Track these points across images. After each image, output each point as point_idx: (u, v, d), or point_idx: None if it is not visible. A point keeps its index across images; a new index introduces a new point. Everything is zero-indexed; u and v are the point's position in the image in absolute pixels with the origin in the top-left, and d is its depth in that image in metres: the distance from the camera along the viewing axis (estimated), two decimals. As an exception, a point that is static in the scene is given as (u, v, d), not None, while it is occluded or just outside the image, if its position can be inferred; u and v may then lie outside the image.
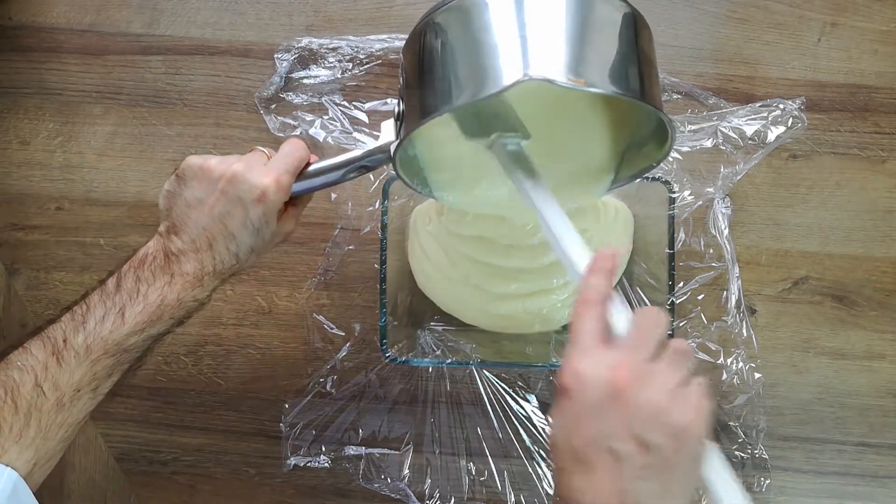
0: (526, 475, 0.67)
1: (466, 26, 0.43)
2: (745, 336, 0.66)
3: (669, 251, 0.61)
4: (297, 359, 0.69)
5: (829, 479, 0.68)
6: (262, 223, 0.48)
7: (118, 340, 0.47)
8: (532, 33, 0.41)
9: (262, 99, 0.68)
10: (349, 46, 0.67)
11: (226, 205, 0.47)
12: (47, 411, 0.45)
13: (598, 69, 0.42)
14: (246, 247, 0.49)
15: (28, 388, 0.44)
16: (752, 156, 0.66)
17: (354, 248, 0.68)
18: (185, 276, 0.48)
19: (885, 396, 0.68)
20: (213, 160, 0.48)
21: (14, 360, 0.45)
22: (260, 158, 0.50)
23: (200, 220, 0.48)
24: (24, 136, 0.70)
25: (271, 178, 0.47)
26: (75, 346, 0.46)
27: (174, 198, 0.49)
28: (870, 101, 0.68)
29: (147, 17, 0.69)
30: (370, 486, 0.67)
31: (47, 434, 0.45)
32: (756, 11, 0.68)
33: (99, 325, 0.46)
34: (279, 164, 0.49)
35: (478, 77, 0.42)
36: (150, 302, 0.47)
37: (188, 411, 0.69)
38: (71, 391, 0.46)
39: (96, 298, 0.48)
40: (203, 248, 0.48)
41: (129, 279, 0.48)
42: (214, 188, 0.48)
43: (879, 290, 0.68)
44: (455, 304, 0.65)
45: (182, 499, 0.69)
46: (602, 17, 0.44)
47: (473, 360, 0.63)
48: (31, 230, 0.70)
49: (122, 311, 0.47)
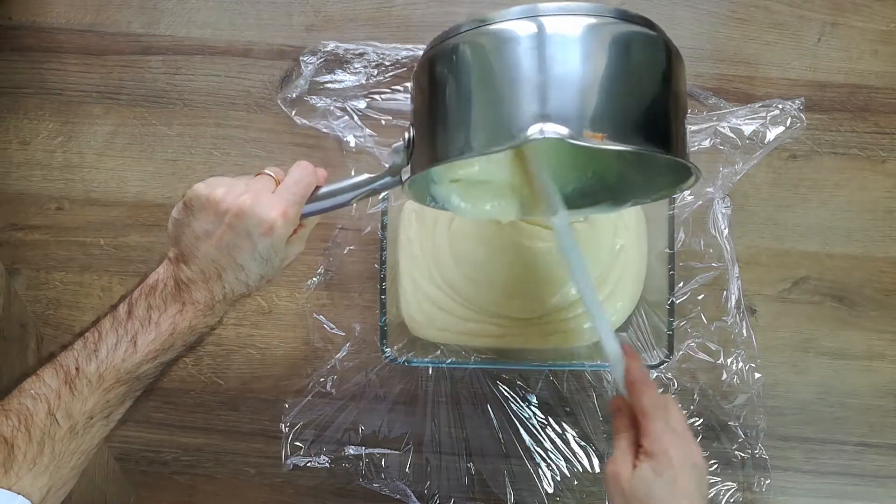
0: (526, 475, 0.67)
1: (484, 64, 0.41)
2: (745, 336, 0.66)
3: (669, 251, 0.61)
4: (297, 359, 0.69)
5: (829, 479, 0.68)
6: (270, 253, 0.48)
7: (130, 368, 0.47)
8: (551, 79, 0.39)
9: (287, 100, 0.68)
10: (375, 53, 0.67)
11: (234, 238, 0.47)
12: (60, 439, 0.45)
13: (620, 121, 0.40)
14: (255, 275, 0.49)
15: (41, 417, 0.45)
16: (751, 156, 0.66)
17: (354, 248, 0.68)
18: (196, 305, 0.48)
19: (885, 396, 0.68)
20: (220, 190, 0.47)
21: (28, 388, 0.46)
22: (267, 186, 0.49)
23: (209, 251, 0.48)
24: (24, 136, 0.70)
25: (279, 210, 0.47)
26: (88, 374, 0.46)
27: (182, 227, 0.49)
28: (870, 101, 0.68)
29: (147, 17, 0.69)
30: (370, 486, 0.67)
31: (60, 461, 0.46)
32: (756, 11, 0.68)
33: (111, 354, 0.47)
34: (287, 195, 0.48)
35: (492, 126, 0.41)
36: (163, 330, 0.47)
37: (188, 411, 0.69)
38: (84, 419, 0.46)
39: (108, 325, 0.48)
40: (212, 278, 0.48)
41: (141, 306, 0.48)
42: (222, 221, 0.47)
43: (879, 290, 0.68)
44: None
45: (182, 499, 0.69)
46: (630, 56, 0.41)
47: (473, 361, 0.63)
48: (31, 230, 0.70)
49: (135, 339, 0.47)
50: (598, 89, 0.40)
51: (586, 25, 0.40)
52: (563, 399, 0.67)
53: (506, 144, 0.40)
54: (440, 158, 0.43)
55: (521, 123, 0.39)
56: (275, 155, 0.69)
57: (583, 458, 0.67)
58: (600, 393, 0.67)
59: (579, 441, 0.67)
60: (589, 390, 0.67)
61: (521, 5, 0.41)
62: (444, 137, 0.43)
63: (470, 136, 0.42)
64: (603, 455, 0.67)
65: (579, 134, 0.39)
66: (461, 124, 0.42)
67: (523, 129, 0.39)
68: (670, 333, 0.61)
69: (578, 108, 0.39)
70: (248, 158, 0.69)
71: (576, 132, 0.38)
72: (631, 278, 0.63)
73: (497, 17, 0.41)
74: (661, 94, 0.42)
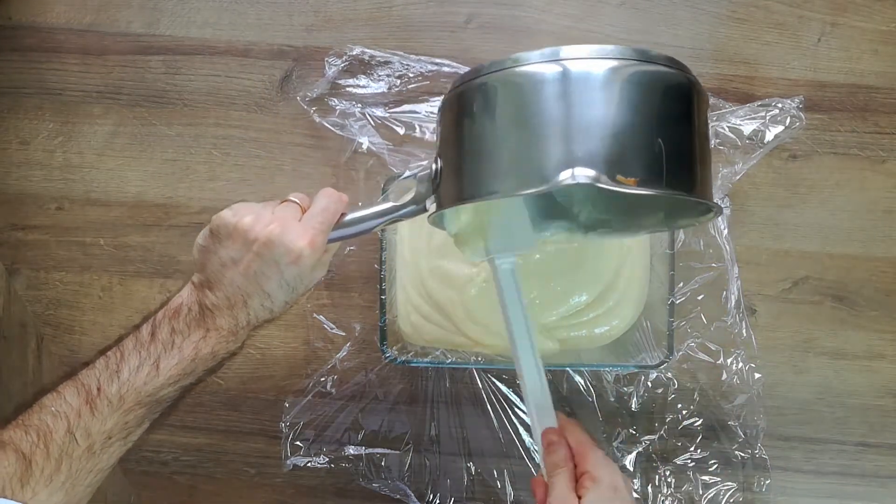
0: (526, 475, 0.67)
1: (516, 105, 0.41)
2: (745, 336, 0.66)
3: (669, 251, 0.61)
4: (297, 359, 0.69)
5: (829, 479, 0.68)
6: (297, 281, 0.48)
7: (151, 391, 0.47)
8: (582, 123, 0.40)
9: (307, 100, 0.67)
10: (400, 63, 0.67)
11: (261, 266, 0.47)
12: (78, 457, 0.45)
13: (648, 165, 0.40)
14: (280, 302, 0.49)
15: (60, 434, 0.45)
16: (750, 156, 0.66)
17: (354, 248, 0.68)
18: (220, 331, 0.48)
19: (885, 396, 0.68)
20: (248, 218, 0.47)
21: (48, 404, 0.46)
22: (294, 214, 0.49)
23: (235, 279, 0.48)
24: (24, 136, 0.70)
25: (306, 240, 0.47)
26: (109, 395, 0.46)
27: (208, 254, 0.49)
28: (870, 101, 0.68)
29: (147, 17, 0.69)
30: (370, 486, 0.67)
31: (76, 479, 0.46)
32: (756, 11, 0.68)
33: (133, 376, 0.47)
34: (314, 223, 0.48)
35: (523, 169, 0.41)
36: (185, 356, 0.47)
37: (188, 411, 0.69)
38: (102, 438, 0.46)
39: (131, 346, 0.48)
40: (238, 305, 0.48)
41: (164, 330, 0.48)
42: (249, 249, 0.47)
43: (879, 290, 0.68)
44: None
45: (182, 499, 0.69)
46: (663, 101, 0.41)
47: (473, 361, 0.63)
48: (31, 230, 0.70)
49: (157, 363, 0.47)
50: (631, 133, 0.40)
51: (621, 69, 0.40)
52: (563, 399, 0.67)
53: (537, 188, 0.40)
54: (467, 198, 0.43)
55: (552, 167, 0.39)
56: (275, 155, 0.69)
57: (583, 458, 0.67)
58: (600, 393, 0.67)
59: (579, 441, 0.67)
60: (589, 390, 0.67)
61: (551, 47, 0.41)
62: (472, 176, 0.43)
63: (500, 178, 0.42)
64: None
65: (612, 178, 0.39)
66: (491, 165, 0.42)
67: (554, 174, 0.39)
68: (670, 333, 0.61)
69: (609, 152, 0.39)
70: (248, 158, 0.69)
71: (608, 176, 0.39)
72: (638, 281, 0.62)
73: (529, 58, 0.41)
74: (691, 137, 0.42)
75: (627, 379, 0.67)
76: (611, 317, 0.62)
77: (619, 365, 0.63)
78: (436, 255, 0.63)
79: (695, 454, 0.67)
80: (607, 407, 0.67)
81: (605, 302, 0.62)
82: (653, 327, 0.63)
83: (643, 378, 0.67)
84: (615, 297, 0.62)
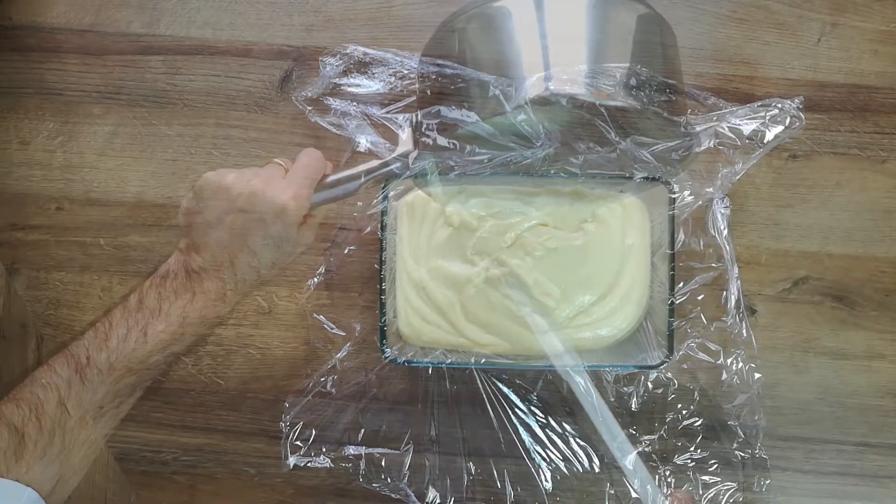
0: (526, 475, 0.67)
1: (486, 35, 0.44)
2: (745, 336, 0.66)
3: (669, 251, 0.61)
4: (297, 359, 0.69)
5: (829, 479, 0.68)
6: (282, 238, 0.48)
7: (141, 358, 0.47)
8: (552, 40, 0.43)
9: (303, 99, 0.67)
10: (399, 63, 0.67)
11: (245, 222, 0.47)
12: (71, 429, 0.45)
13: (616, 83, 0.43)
14: (267, 261, 0.49)
15: (52, 406, 0.45)
16: (750, 156, 0.66)
17: (354, 248, 0.68)
18: (207, 294, 0.48)
19: (885, 396, 0.68)
20: (230, 176, 0.48)
21: (39, 377, 0.46)
22: (277, 172, 0.49)
23: (221, 238, 0.48)
24: (24, 136, 0.70)
25: (290, 193, 0.47)
26: (98, 364, 0.46)
27: (193, 215, 0.49)
28: (870, 101, 0.68)
29: (147, 17, 0.69)
30: (370, 486, 0.67)
31: (70, 451, 0.46)
32: (756, 11, 0.68)
33: (122, 344, 0.47)
34: (297, 178, 0.49)
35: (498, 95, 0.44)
36: (173, 320, 0.48)
37: (188, 411, 0.69)
38: (94, 409, 0.46)
39: (119, 316, 0.48)
40: (224, 265, 0.48)
41: (152, 296, 0.48)
42: (233, 206, 0.47)
43: (879, 290, 0.68)
44: None
45: (182, 499, 0.69)
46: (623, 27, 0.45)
47: (473, 361, 0.63)
48: (31, 230, 0.70)
49: (145, 330, 0.47)
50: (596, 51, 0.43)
51: None
52: (563, 399, 0.67)
53: (510, 108, 0.42)
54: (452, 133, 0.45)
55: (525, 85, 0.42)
56: (275, 155, 0.68)
57: (583, 457, 0.67)
58: (600, 393, 0.67)
59: (579, 441, 0.67)
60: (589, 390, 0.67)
61: None
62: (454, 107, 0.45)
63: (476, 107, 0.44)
64: (603, 455, 0.66)
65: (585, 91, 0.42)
66: (467, 97, 0.44)
67: (527, 90, 0.42)
68: (670, 333, 0.61)
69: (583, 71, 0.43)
70: (248, 158, 0.69)
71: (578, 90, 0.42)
72: (641, 280, 0.63)
73: None
74: None
75: (627, 379, 0.67)
76: (615, 317, 0.62)
77: (619, 365, 0.63)
78: (435, 256, 0.63)
79: (695, 454, 0.67)
80: (607, 407, 0.67)
81: (609, 302, 0.62)
82: (653, 327, 0.63)
83: (643, 378, 0.66)
84: (618, 297, 0.62)
